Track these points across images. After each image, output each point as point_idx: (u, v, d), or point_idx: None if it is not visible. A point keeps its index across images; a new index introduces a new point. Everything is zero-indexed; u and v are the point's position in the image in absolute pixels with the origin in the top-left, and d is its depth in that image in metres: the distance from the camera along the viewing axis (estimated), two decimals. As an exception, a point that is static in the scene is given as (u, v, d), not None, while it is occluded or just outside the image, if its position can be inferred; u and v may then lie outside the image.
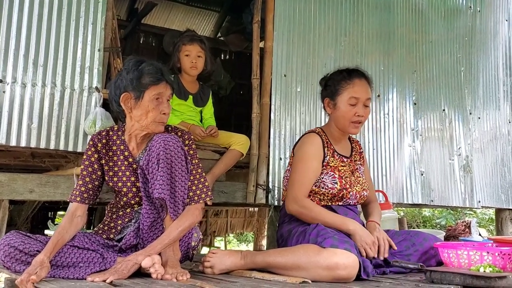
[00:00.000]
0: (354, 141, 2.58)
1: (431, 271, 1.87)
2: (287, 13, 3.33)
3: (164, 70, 2.11)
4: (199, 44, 3.01)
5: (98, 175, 2.15)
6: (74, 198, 2.12)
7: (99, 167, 2.16)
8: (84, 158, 2.16)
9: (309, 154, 2.33)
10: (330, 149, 2.38)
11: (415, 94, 3.92)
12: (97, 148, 2.15)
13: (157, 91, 2.06)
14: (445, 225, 9.27)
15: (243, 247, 10.96)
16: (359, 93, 2.33)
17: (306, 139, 2.40)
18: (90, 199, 2.14)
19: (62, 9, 2.59)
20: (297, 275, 1.94)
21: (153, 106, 2.05)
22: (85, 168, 2.15)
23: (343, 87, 2.35)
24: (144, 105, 2.06)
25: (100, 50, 2.65)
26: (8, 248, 1.86)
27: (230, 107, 5.84)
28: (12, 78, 2.46)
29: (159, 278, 1.84)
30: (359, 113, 2.32)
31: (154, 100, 2.06)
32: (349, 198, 2.36)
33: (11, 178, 2.50)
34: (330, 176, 2.32)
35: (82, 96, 2.60)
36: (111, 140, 2.18)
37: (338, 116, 2.36)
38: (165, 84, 2.08)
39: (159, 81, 2.06)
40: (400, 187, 3.72)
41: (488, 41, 4.50)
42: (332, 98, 2.38)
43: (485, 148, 4.33)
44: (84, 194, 2.12)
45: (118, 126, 2.23)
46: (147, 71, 2.06)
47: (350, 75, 2.37)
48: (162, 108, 2.07)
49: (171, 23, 6.52)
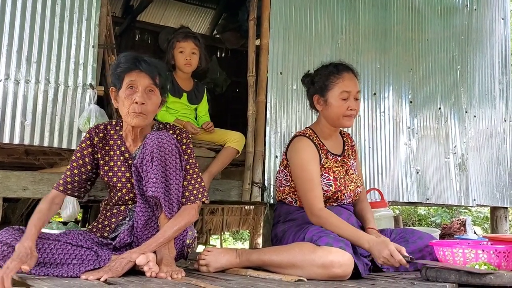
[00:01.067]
0: (345, 134, 2.55)
1: (426, 268, 1.87)
2: (283, 10, 3.32)
3: (142, 59, 2.04)
4: (194, 41, 2.99)
5: (87, 169, 2.13)
6: (57, 186, 2.10)
7: (91, 161, 2.13)
8: (77, 149, 2.14)
9: (307, 160, 2.27)
10: (323, 150, 2.36)
11: (411, 92, 3.92)
12: (93, 141, 2.13)
13: (129, 78, 2.01)
14: (440, 223, 9.29)
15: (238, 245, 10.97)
16: (350, 86, 2.30)
17: (299, 143, 2.34)
18: (73, 191, 2.12)
19: (56, 4, 2.57)
20: (293, 273, 1.94)
21: (125, 95, 2.01)
22: (76, 159, 2.13)
23: (333, 82, 2.31)
24: (120, 96, 2.03)
25: (94, 46, 2.63)
26: (0, 246, 1.84)
27: (226, 104, 5.82)
28: (5, 74, 2.45)
29: (153, 276, 1.83)
30: (352, 107, 2.29)
31: (127, 88, 2.01)
32: (343, 199, 2.35)
33: (4, 175, 2.48)
34: (325, 178, 2.30)
35: (76, 93, 2.58)
36: (109, 135, 2.16)
37: (330, 112, 2.32)
38: (139, 72, 2.01)
39: (131, 69, 2.01)
40: (396, 185, 3.72)
41: (484, 40, 4.50)
42: (322, 94, 2.34)
43: (481, 146, 4.33)
44: (68, 185, 2.10)
45: (116, 121, 2.21)
46: (123, 60, 2.03)
47: (338, 69, 2.34)
48: (134, 97, 2.00)
49: (167, 20, 6.49)
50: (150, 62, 2.06)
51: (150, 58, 2.09)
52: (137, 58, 2.04)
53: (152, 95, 2.06)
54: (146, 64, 2.03)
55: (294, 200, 2.37)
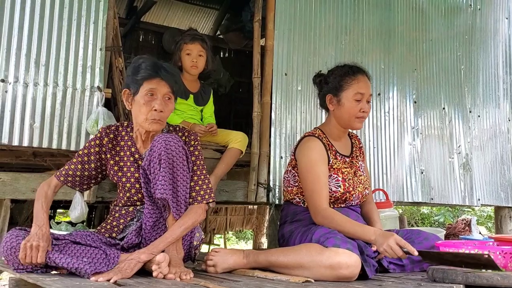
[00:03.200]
0: (353, 136, 2.56)
1: (433, 269, 1.88)
2: (288, 11, 3.33)
3: (162, 67, 2.09)
4: (201, 43, 3.01)
5: (90, 167, 2.16)
6: (58, 176, 2.15)
7: (96, 160, 2.16)
8: (85, 145, 2.18)
9: (315, 160, 2.29)
10: (332, 150, 2.37)
11: (415, 92, 3.93)
12: (102, 141, 2.16)
13: (150, 86, 2.05)
14: (444, 223, 9.29)
15: (242, 245, 10.98)
16: (364, 88, 2.31)
17: (308, 143, 2.35)
18: (73, 184, 2.17)
19: (64, 8, 2.59)
20: (300, 274, 1.95)
21: (144, 102, 2.05)
22: (81, 155, 2.16)
23: (348, 83, 2.32)
24: (138, 101, 2.06)
25: (102, 49, 2.65)
26: (11, 247, 1.85)
27: (229, 105, 5.84)
28: (14, 77, 2.47)
29: (162, 277, 1.84)
30: (364, 109, 2.31)
31: (146, 95, 2.05)
32: (351, 200, 2.36)
33: (13, 177, 2.51)
34: (334, 179, 2.31)
35: (84, 96, 2.60)
36: (120, 135, 2.19)
37: (343, 112, 2.33)
38: (159, 80, 2.06)
39: (152, 77, 2.05)
40: (400, 185, 3.73)
41: (488, 39, 4.51)
42: (335, 94, 2.34)
43: (485, 146, 4.34)
44: (69, 178, 2.14)
45: (128, 123, 2.24)
46: (144, 66, 2.07)
47: (353, 70, 2.36)
48: (153, 104, 2.05)
49: (171, 21, 6.51)
50: (169, 70, 2.11)
51: (168, 65, 2.13)
52: (158, 65, 2.09)
53: (169, 102, 2.12)
54: (166, 72, 2.08)
55: (302, 201, 2.38)
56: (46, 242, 1.85)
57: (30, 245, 1.81)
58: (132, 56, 5.01)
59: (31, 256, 1.81)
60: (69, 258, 1.86)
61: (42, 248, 1.82)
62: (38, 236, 1.85)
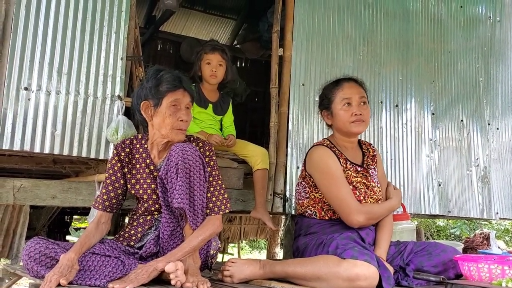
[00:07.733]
0: (365, 144, 2.56)
1: (452, 284, 1.86)
2: (306, 22, 3.35)
3: (183, 78, 2.15)
4: (220, 54, 3.05)
5: (121, 184, 2.20)
6: (97, 206, 2.19)
7: (122, 175, 2.20)
8: (108, 166, 2.21)
9: (332, 167, 2.31)
10: (342, 158, 2.38)
11: (433, 104, 3.90)
12: (120, 157, 2.20)
13: (174, 97, 2.10)
14: (460, 235, 9.15)
15: (255, 254, 10.95)
16: (349, 93, 2.37)
17: (319, 152, 2.37)
18: (112, 208, 2.19)
19: (86, 18, 2.64)
20: (317, 285, 1.95)
21: (170, 113, 2.09)
22: (109, 176, 2.20)
23: (334, 94, 2.41)
24: (162, 112, 2.09)
25: (123, 58, 2.68)
26: (34, 253, 1.89)
27: (245, 114, 5.86)
28: (37, 86, 2.51)
29: (179, 285, 1.85)
30: (355, 112, 2.34)
31: (171, 106, 2.09)
32: None
33: (34, 184, 2.54)
34: None
35: (105, 104, 2.64)
36: (135, 149, 2.22)
37: (338, 121, 2.40)
38: (183, 91, 2.12)
39: (176, 88, 2.10)
40: (418, 198, 3.69)
41: (508, 51, 4.46)
42: (327, 108, 2.43)
43: (504, 158, 4.28)
44: (106, 203, 2.18)
45: (142, 135, 2.27)
46: (165, 78, 2.11)
47: (338, 81, 2.46)
48: (179, 115, 2.10)
49: (188, 30, 6.58)
50: (187, 81, 2.17)
51: (184, 75, 2.19)
52: (180, 76, 2.14)
53: (190, 112, 2.18)
54: (186, 83, 2.14)
55: (314, 213, 2.37)
56: (71, 274, 1.82)
57: (55, 278, 1.77)
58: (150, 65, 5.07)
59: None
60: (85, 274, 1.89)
61: (64, 282, 1.78)
62: (63, 268, 1.82)
